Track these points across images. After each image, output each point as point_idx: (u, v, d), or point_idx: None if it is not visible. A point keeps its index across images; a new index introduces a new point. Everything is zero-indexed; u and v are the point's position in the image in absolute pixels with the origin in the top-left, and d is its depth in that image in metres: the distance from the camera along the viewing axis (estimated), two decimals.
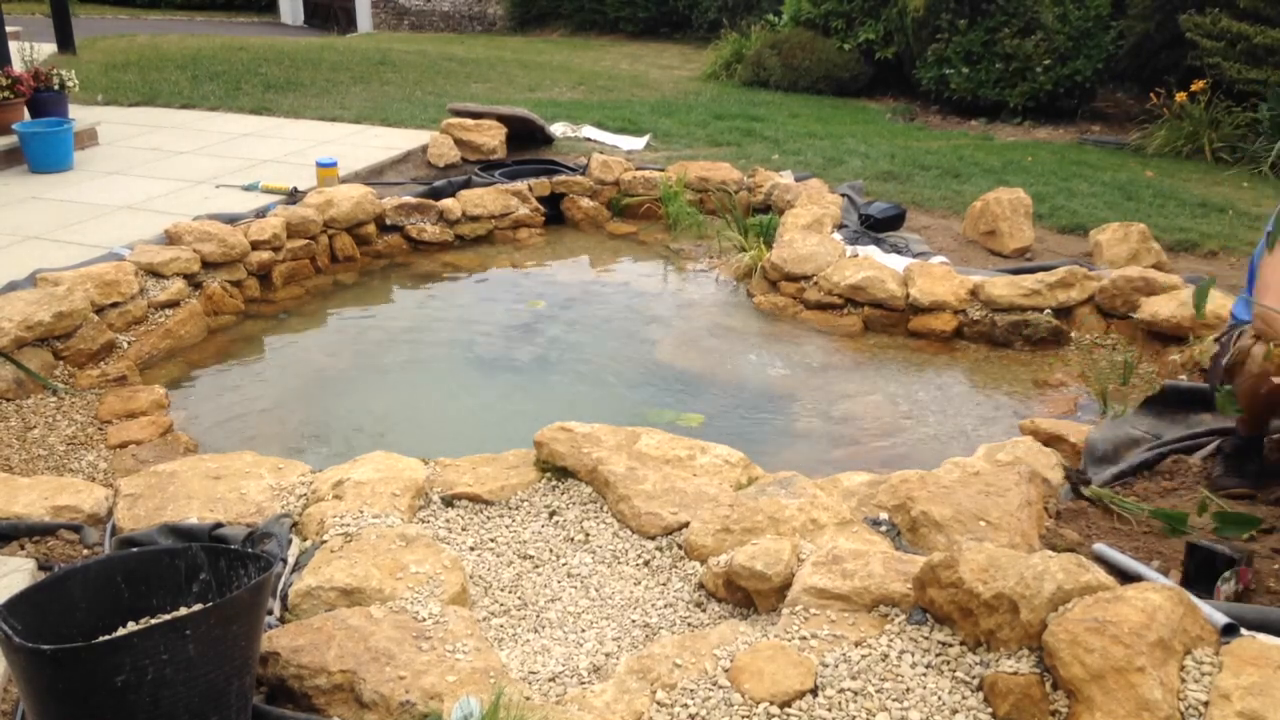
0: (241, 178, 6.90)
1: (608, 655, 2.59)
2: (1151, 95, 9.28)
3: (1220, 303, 4.91)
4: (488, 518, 3.27)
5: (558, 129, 8.77)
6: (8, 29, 8.37)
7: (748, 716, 2.20)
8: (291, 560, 2.89)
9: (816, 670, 2.30)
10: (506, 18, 18.63)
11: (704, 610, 2.78)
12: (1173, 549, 2.89)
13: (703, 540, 2.95)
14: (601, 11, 17.13)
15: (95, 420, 4.20)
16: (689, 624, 2.72)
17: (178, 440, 4.20)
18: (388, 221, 6.59)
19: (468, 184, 7.21)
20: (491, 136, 7.91)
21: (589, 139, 8.73)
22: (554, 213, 7.38)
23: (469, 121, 8.00)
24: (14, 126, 7.00)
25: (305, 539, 3.01)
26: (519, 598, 2.87)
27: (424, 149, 7.84)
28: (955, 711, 2.19)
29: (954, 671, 2.29)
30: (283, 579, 2.78)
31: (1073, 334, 5.27)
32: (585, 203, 7.39)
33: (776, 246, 6.04)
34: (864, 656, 2.33)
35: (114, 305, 4.88)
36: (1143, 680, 2.05)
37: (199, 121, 8.74)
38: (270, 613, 2.61)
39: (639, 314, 5.86)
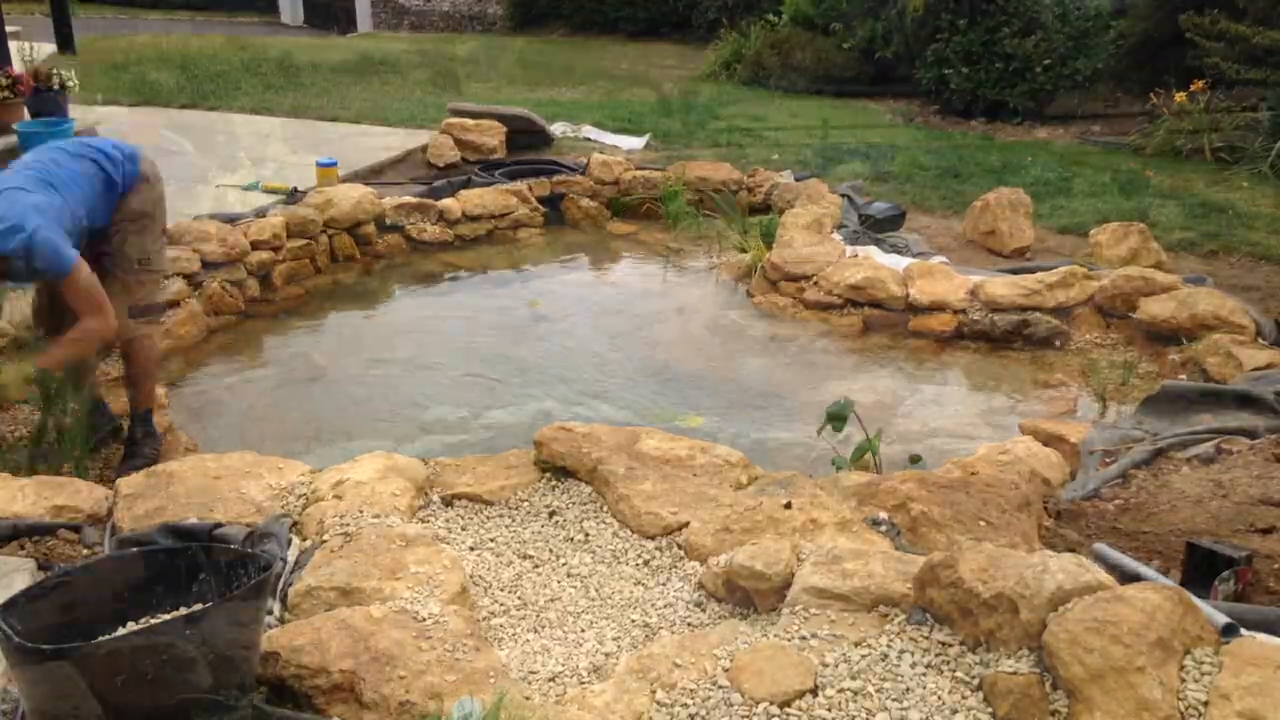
0: (241, 178, 6.90)
1: (607, 655, 2.59)
2: (1151, 95, 9.28)
3: (1217, 303, 4.92)
4: (487, 518, 3.27)
5: (558, 129, 8.77)
6: (8, 29, 8.36)
7: (747, 716, 2.20)
8: (291, 560, 2.88)
9: (816, 670, 2.30)
10: (506, 18, 18.63)
11: (704, 610, 2.77)
12: (1173, 549, 2.89)
13: (702, 540, 2.95)
14: (601, 11, 17.13)
15: None
16: (689, 624, 2.72)
17: (177, 440, 4.20)
18: (388, 221, 6.59)
19: (468, 184, 7.21)
20: (491, 136, 7.91)
21: (589, 139, 8.73)
22: (554, 213, 7.38)
23: (469, 121, 8.00)
24: (14, 126, 6.99)
25: (305, 539, 3.00)
26: (519, 598, 2.87)
27: (424, 149, 7.84)
28: (955, 711, 2.18)
29: (954, 671, 2.28)
30: (283, 579, 2.78)
31: (1072, 334, 5.27)
32: (585, 203, 7.39)
33: (776, 246, 6.04)
34: (864, 656, 2.33)
35: None
36: (1143, 680, 2.05)
37: (199, 121, 8.74)
38: (270, 613, 2.61)
39: (639, 314, 5.86)
